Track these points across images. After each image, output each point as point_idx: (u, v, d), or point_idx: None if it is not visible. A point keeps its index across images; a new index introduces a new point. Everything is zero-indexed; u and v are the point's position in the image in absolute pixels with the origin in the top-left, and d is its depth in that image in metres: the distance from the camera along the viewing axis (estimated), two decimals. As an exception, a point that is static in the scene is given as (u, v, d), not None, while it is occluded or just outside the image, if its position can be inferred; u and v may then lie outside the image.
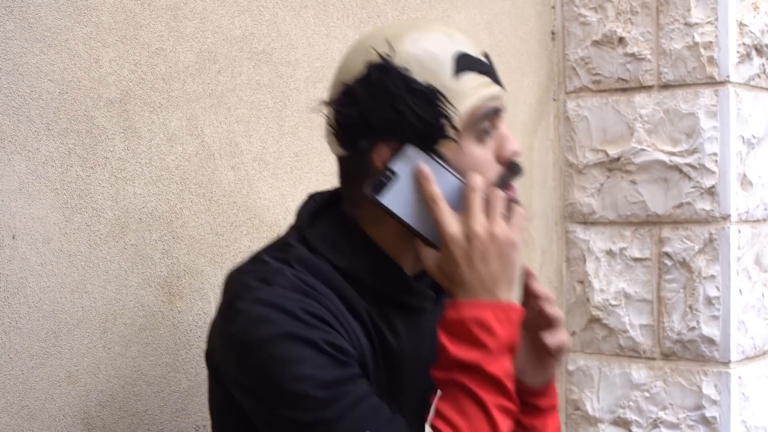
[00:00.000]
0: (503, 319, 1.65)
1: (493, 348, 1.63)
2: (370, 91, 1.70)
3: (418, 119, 1.68)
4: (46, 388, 2.05)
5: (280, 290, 1.66)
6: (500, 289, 1.68)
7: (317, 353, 1.63)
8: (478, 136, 1.73)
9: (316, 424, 1.62)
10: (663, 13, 3.48)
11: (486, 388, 1.63)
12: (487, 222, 1.68)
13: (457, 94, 1.70)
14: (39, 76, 2.02)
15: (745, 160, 3.45)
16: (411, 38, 1.72)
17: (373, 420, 1.64)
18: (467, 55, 1.73)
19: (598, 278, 3.64)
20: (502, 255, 1.67)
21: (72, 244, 2.09)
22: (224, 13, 2.41)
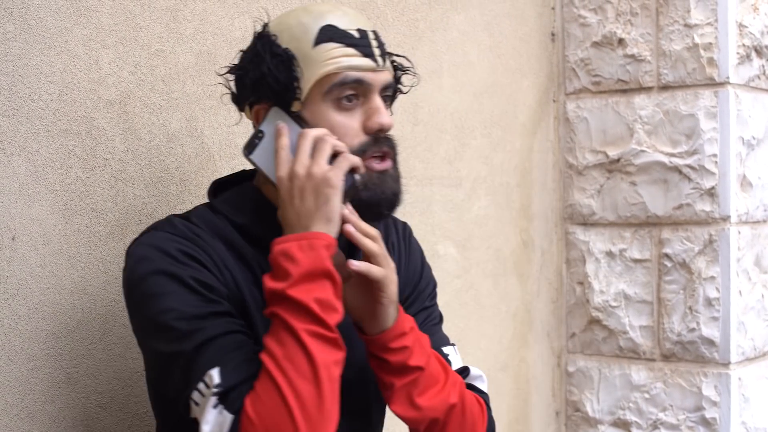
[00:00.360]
0: (306, 246, 1.72)
1: (295, 274, 1.70)
2: (247, 57, 1.90)
3: (276, 80, 1.85)
4: (46, 389, 2.05)
5: (162, 234, 1.84)
6: (315, 224, 1.76)
7: (184, 288, 1.76)
8: (337, 103, 1.87)
9: (174, 355, 1.74)
10: (663, 14, 3.48)
11: (294, 314, 1.69)
12: (309, 163, 1.79)
13: (313, 60, 1.85)
14: (39, 78, 2.02)
15: (745, 161, 3.45)
16: (294, 12, 1.92)
17: (225, 356, 1.71)
18: (333, 27, 1.87)
19: (598, 279, 3.64)
20: (317, 192, 1.77)
21: (72, 245, 2.09)
22: (224, 15, 2.41)
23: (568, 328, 3.74)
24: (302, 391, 1.65)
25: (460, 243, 3.26)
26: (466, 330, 3.29)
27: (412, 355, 1.89)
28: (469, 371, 2.12)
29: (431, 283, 2.21)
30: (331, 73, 1.85)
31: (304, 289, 1.70)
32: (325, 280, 1.72)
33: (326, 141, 1.80)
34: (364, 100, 1.88)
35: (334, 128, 1.85)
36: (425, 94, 3.09)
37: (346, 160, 1.80)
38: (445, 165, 3.18)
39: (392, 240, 2.15)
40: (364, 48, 1.87)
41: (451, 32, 3.21)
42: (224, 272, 1.83)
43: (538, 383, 3.66)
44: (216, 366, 1.70)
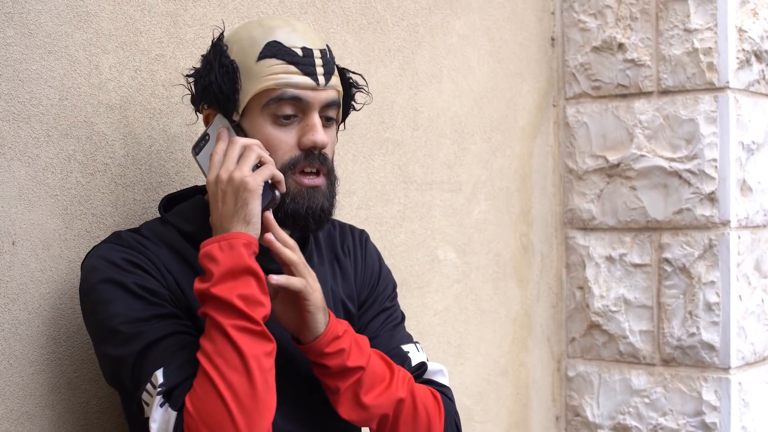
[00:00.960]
0: (225, 247, 1.80)
1: (217, 273, 1.78)
2: (202, 63, 2.00)
3: (219, 90, 1.94)
4: (46, 394, 2.05)
5: (108, 245, 1.93)
6: (234, 226, 1.83)
7: (128, 294, 1.86)
8: (273, 118, 1.95)
9: (123, 359, 1.84)
10: (662, 19, 3.48)
11: (219, 311, 1.77)
12: (233, 169, 1.86)
13: (254, 74, 1.93)
14: (39, 83, 2.02)
15: (745, 165, 3.45)
16: (250, 24, 1.99)
17: (169, 357, 1.80)
18: (278, 44, 1.94)
19: (598, 284, 3.64)
20: (236, 195, 1.84)
21: (72, 250, 2.09)
22: (224, 20, 2.41)
23: (568, 333, 3.74)
24: (235, 383, 1.74)
25: (460, 248, 3.26)
26: (466, 334, 3.29)
27: (349, 357, 1.95)
28: (427, 367, 2.17)
29: (390, 284, 2.28)
30: (269, 88, 1.92)
31: (226, 287, 1.78)
32: (246, 276, 1.80)
33: (252, 150, 1.88)
34: (302, 116, 1.95)
35: (268, 141, 1.94)
36: (425, 98, 3.09)
37: (267, 168, 1.87)
38: (444, 169, 3.18)
39: (348, 245, 2.23)
40: (305, 66, 1.94)
41: (451, 37, 3.21)
42: (167, 276, 1.92)
43: (538, 388, 3.66)
44: (160, 367, 1.80)
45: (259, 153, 1.88)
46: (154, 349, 1.82)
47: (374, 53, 2.89)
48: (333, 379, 1.95)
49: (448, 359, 3.19)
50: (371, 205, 2.87)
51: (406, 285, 3.00)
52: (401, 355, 2.15)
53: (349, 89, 2.09)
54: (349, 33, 2.80)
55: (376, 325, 2.18)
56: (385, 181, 2.93)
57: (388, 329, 2.19)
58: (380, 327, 2.18)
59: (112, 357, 1.87)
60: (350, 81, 2.09)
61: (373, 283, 2.23)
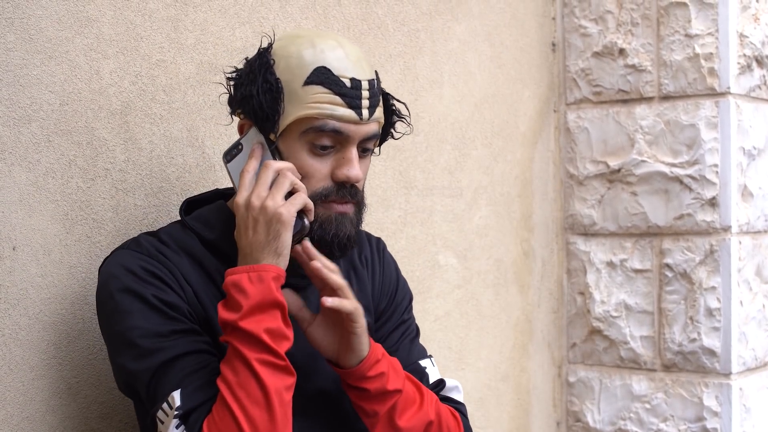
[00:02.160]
0: (255, 279, 1.79)
1: (245, 306, 1.77)
2: (244, 71, 1.94)
3: (260, 106, 1.88)
4: (46, 399, 2.05)
5: (127, 252, 1.91)
6: (265, 257, 1.82)
7: (147, 307, 1.85)
8: (311, 146, 1.91)
9: (139, 373, 1.83)
10: (663, 24, 3.48)
11: (246, 343, 1.77)
12: (266, 195, 1.84)
13: (298, 99, 1.88)
14: (40, 88, 2.02)
15: (746, 171, 3.45)
16: (301, 39, 1.92)
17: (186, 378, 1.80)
18: (327, 71, 1.89)
19: (599, 290, 3.64)
20: (269, 226, 1.82)
21: (72, 255, 2.09)
22: (225, 25, 2.42)
23: (568, 338, 3.74)
24: (255, 417, 1.75)
25: (460, 253, 3.26)
26: (467, 340, 3.29)
27: (389, 380, 1.96)
28: (445, 383, 2.18)
29: (407, 295, 2.27)
30: (311, 116, 1.88)
31: (254, 320, 1.77)
32: (274, 309, 1.79)
33: (286, 176, 1.85)
34: (339, 147, 1.92)
35: (302, 168, 1.90)
36: (426, 104, 3.09)
37: (300, 198, 1.85)
38: (445, 175, 3.18)
39: (365, 254, 2.21)
40: (351, 99, 1.89)
41: (451, 42, 3.21)
42: (186, 288, 1.90)
43: (538, 393, 3.66)
44: (178, 388, 1.80)
45: (292, 180, 1.85)
46: (172, 367, 1.82)
47: (375, 58, 2.89)
48: (371, 402, 1.95)
49: (448, 365, 3.19)
50: (372, 210, 2.87)
51: (407, 290, 3.00)
52: (419, 371, 2.15)
53: (390, 116, 2.05)
54: (350, 38, 2.80)
55: (394, 338, 2.18)
56: (386, 187, 2.93)
57: (406, 343, 2.19)
58: (399, 341, 2.18)
59: (128, 369, 1.86)
60: (393, 108, 2.05)
61: (391, 294, 2.22)
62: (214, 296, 1.92)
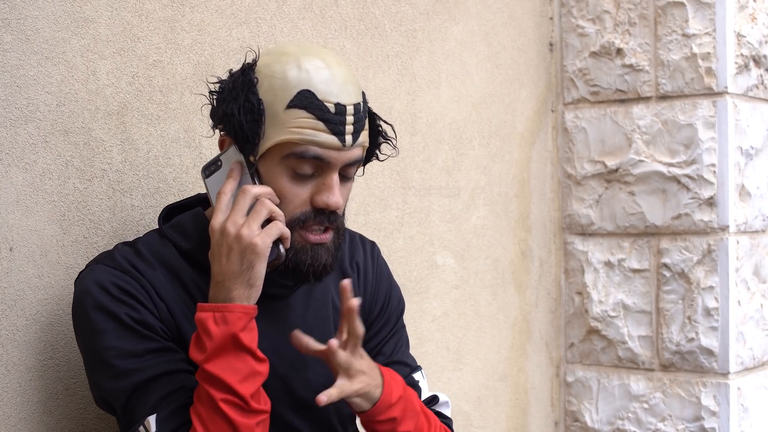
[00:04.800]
0: (219, 320, 1.77)
1: (210, 348, 1.76)
2: (226, 86, 1.88)
3: (240, 126, 1.83)
4: (43, 400, 2.04)
5: (102, 268, 1.88)
6: (236, 287, 1.79)
7: (121, 327, 1.84)
8: (291, 171, 1.85)
9: (115, 393, 1.84)
10: (661, 24, 3.48)
11: (211, 385, 1.76)
12: (242, 223, 1.80)
13: (280, 122, 1.83)
14: (36, 88, 2.02)
15: (744, 170, 3.45)
16: (285, 59, 1.86)
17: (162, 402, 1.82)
18: (311, 94, 1.82)
19: (597, 289, 3.64)
20: (243, 255, 1.79)
21: (69, 256, 2.09)
22: (221, 26, 2.42)
23: (566, 338, 3.74)
24: None
25: (458, 253, 3.26)
26: (465, 340, 3.29)
27: (400, 424, 1.96)
28: (438, 399, 2.18)
29: (401, 303, 2.25)
30: (293, 141, 1.83)
31: (218, 362, 1.77)
32: (238, 351, 1.78)
33: (264, 204, 1.81)
34: (320, 173, 1.87)
35: (281, 193, 1.86)
36: (423, 104, 3.09)
37: (276, 227, 1.81)
38: (443, 175, 3.18)
39: (357, 260, 2.17)
40: (335, 125, 1.83)
41: (449, 42, 3.21)
42: (159, 305, 1.88)
43: (536, 393, 3.66)
44: (153, 413, 1.81)
45: (270, 208, 1.81)
46: (147, 389, 1.82)
47: (372, 59, 2.89)
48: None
49: (446, 365, 3.19)
50: (369, 210, 2.87)
51: (405, 291, 2.98)
52: (414, 386, 2.14)
53: (376, 137, 2.00)
54: (347, 38, 2.80)
55: (388, 350, 2.16)
56: (383, 187, 2.93)
57: (400, 355, 2.17)
58: (392, 353, 2.16)
59: (104, 388, 1.87)
60: (379, 129, 2.01)
61: (384, 302, 2.19)
62: (189, 309, 1.91)
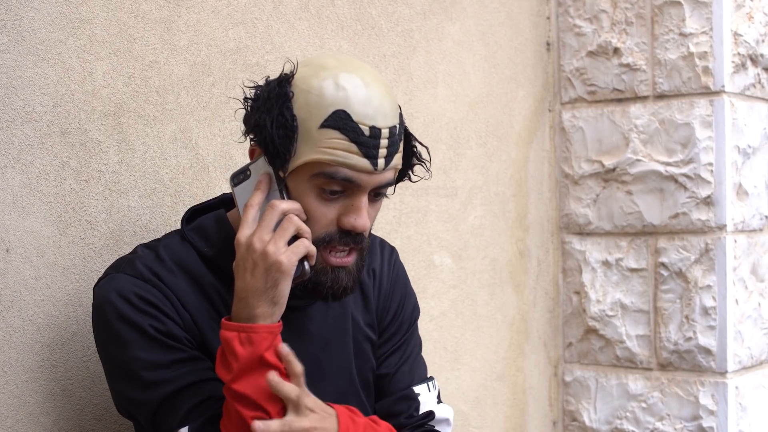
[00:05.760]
0: (245, 340, 1.75)
1: (236, 369, 1.75)
2: (260, 95, 1.84)
3: (272, 140, 1.79)
4: (40, 401, 2.04)
5: (123, 277, 1.87)
6: (259, 305, 1.77)
7: (145, 338, 1.83)
8: (319, 191, 1.83)
9: (142, 404, 1.84)
10: (658, 23, 3.48)
11: (239, 402, 1.76)
12: (268, 239, 1.77)
13: (313, 140, 1.79)
14: (32, 90, 2.02)
15: (741, 169, 3.45)
16: (323, 74, 1.82)
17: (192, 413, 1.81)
18: (346, 115, 1.79)
19: (595, 289, 3.64)
20: (268, 273, 1.76)
21: (66, 257, 2.09)
22: (218, 26, 2.41)
23: (564, 338, 3.74)
24: None
25: (456, 253, 3.26)
26: (463, 340, 3.29)
27: None
28: (434, 416, 2.13)
29: (414, 311, 2.22)
30: (324, 162, 1.80)
31: (245, 382, 1.76)
32: (263, 368, 1.76)
33: (291, 221, 1.79)
34: (349, 194, 1.84)
35: (308, 212, 1.83)
36: (420, 103, 3.09)
37: (302, 246, 1.79)
38: (440, 175, 3.18)
39: (374, 267, 2.14)
40: (368, 149, 1.80)
41: (446, 42, 3.21)
42: (183, 314, 1.87)
43: (534, 393, 3.66)
44: (185, 425, 1.81)
45: (297, 225, 1.78)
46: (177, 400, 1.82)
47: (369, 59, 2.89)
48: None
49: (444, 365, 3.19)
50: (367, 210, 2.87)
51: (402, 290, 3.00)
52: (411, 398, 2.11)
53: (410, 158, 1.97)
54: (344, 39, 2.80)
55: (392, 361, 2.13)
56: (380, 187, 2.93)
57: (405, 367, 2.14)
58: (397, 364, 2.13)
59: (131, 398, 1.86)
60: (414, 150, 1.97)
61: (397, 310, 2.17)
62: (211, 317, 1.90)
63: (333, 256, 1.85)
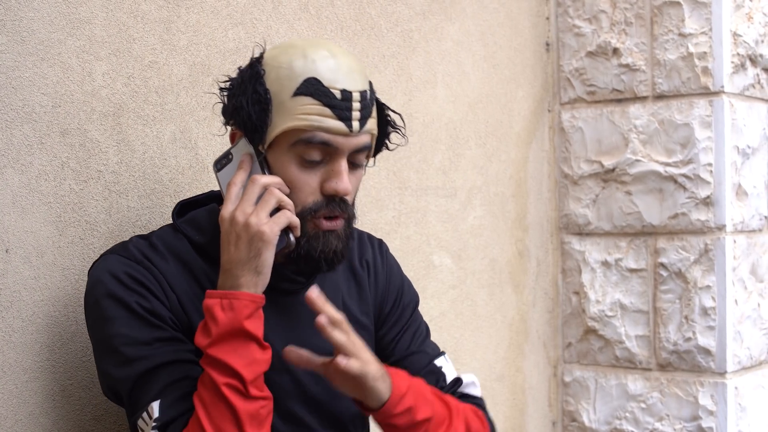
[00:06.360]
0: (226, 306, 1.78)
1: (215, 334, 1.78)
2: (235, 81, 1.91)
3: (249, 117, 1.85)
4: (40, 402, 2.04)
5: (115, 257, 1.91)
6: (244, 275, 1.81)
7: (131, 314, 1.86)
8: (299, 159, 1.87)
9: (122, 380, 1.86)
10: (657, 23, 3.48)
11: (214, 369, 1.77)
12: (250, 212, 1.81)
13: (287, 110, 1.85)
14: (32, 90, 2.02)
15: (740, 170, 3.45)
16: (293, 49, 1.89)
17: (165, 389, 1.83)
18: (317, 82, 1.84)
19: (594, 289, 3.64)
20: (251, 243, 1.80)
21: (65, 257, 2.09)
22: (217, 26, 2.41)
23: (564, 338, 3.74)
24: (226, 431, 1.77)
25: (455, 253, 3.26)
26: (462, 340, 3.29)
27: (417, 411, 1.94)
28: (462, 381, 2.18)
29: (414, 297, 2.26)
30: (299, 128, 1.84)
31: (222, 348, 1.78)
32: (242, 338, 1.79)
33: (272, 193, 1.83)
34: (328, 160, 1.88)
35: (291, 182, 1.87)
36: (420, 104, 3.09)
37: (284, 216, 1.83)
38: (439, 175, 3.18)
39: (367, 258, 2.18)
40: (341, 111, 1.85)
41: (445, 42, 3.21)
42: (170, 296, 1.90)
43: (534, 393, 3.65)
44: (157, 399, 1.82)
45: (278, 197, 1.83)
46: (153, 376, 1.83)
47: (368, 59, 2.89)
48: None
49: (444, 365, 3.19)
50: (366, 211, 2.87)
51: (402, 291, 3.00)
52: (435, 372, 2.15)
53: (385, 127, 2.01)
54: (344, 39, 2.80)
55: (405, 343, 2.17)
56: (379, 187, 2.93)
57: (418, 346, 2.18)
58: (410, 345, 2.17)
59: (112, 375, 1.88)
60: (388, 119, 2.02)
61: (396, 298, 2.20)
62: (199, 301, 1.91)
63: (323, 221, 1.89)
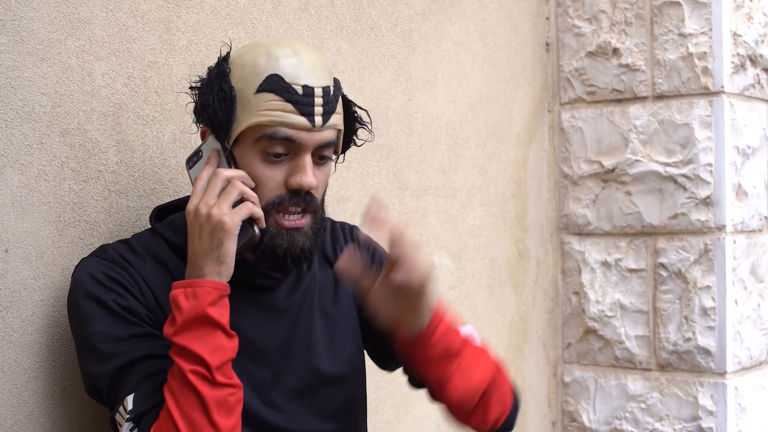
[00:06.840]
0: (190, 295, 1.82)
1: (179, 321, 1.81)
2: (204, 80, 1.96)
3: (215, 114, 1.89)
4: (40, 402, 2.04)
5: (93, 259, 1.95)
6: (206, 264, 1.84)
7: (107, 312, 1.89)
8: (263, 155, 1.91)
9: (100, 376, 1.88)
10: (657, 23, 3.48)
11: (180, 357, 1.81)
12: (213, 203, 1.85)
13: (250, 106, 1.89)
14: (32, 90, 2.02)
15: (740, 170, 3.45)
16: (257, 48, 1.93)
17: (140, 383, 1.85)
18: (279, 78, 1.88)
19: (594, 289, 3.64)
20: (213, 233, 1.84)
21: (65, 257, 2.08)
22: (217, 26, 2.41)
23: (564, 338, 3.74)
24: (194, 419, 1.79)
25: (455, 253, 3.25)
26: (462, 340, 3.28)
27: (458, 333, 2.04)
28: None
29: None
30: (263, 124, 1.88)
31: (187, 335, 1.81)
32: (206, 325, 1.82)
33: (234, 186, 1.87)
34: (293, 155, 1.91)
35: (256, 177, 1.91)
36: (419, 104, 3.09)
37: (245, 207, 1.86)
38: (439, 175, 3.18)
39: (340, 246, 2.21)
40: (303, 106, 1.88)
41: (445, 42, 3.21)
42: (146, 293, 1.94)
43: (534, 393, 3.65)
44: (132, 392, 1.85)
45: (241, 189, 1.86)
46: (128, 371, 1.86)
47: (368, 59, 2.89)
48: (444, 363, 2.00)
49: (443, 365, 3.19)
50: (366, 211, 2.87)
51: (402, 291, 2.99)
52: None
53: (352, 123, 2.04)
54: (343, 39, 2.80)
55: None
56: (379, 187, 2.93)
57: None
58: None
59: (92, 373, 1.90)
60: (355, 115, 2.05)
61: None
62: None
63: (286, 219, 1.93)
